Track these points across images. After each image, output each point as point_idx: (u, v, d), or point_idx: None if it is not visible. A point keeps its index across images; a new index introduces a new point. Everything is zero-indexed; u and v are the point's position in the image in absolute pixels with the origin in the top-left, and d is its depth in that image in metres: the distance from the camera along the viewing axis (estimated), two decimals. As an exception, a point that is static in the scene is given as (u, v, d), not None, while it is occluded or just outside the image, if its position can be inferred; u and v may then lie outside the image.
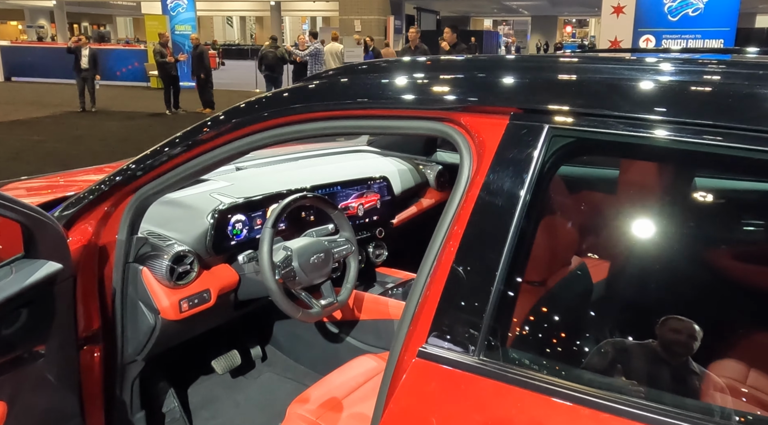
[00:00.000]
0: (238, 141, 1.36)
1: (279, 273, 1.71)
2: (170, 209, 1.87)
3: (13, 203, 1.28)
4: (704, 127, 0.86)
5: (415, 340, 1.01)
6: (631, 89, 0.94)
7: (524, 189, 0.96)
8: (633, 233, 1.11)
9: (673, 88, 0.93)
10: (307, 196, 1.85)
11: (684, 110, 0.88)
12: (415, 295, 1.04)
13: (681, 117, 0.87)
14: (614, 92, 0.94)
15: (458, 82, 1.12)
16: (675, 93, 0.92)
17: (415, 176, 2.66)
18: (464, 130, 1.08)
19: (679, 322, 0.98)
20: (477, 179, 1.01)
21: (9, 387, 1.31)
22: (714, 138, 0.85)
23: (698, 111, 0.87)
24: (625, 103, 0.92)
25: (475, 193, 1.00)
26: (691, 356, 0.96)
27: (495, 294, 0.94)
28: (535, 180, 0.96)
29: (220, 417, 2.14)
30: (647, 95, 0.93)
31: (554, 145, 0.97)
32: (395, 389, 1.00)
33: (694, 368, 0.96)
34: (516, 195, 0.96)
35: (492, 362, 0.94)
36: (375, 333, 2.12)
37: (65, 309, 1.46)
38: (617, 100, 0.93)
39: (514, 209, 0.96)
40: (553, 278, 1.24)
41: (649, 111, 0.90)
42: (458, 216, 1.01)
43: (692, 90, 0.92)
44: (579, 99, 0.97)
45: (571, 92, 0.99)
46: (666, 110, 0.89)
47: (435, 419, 0.95)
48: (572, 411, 0.86)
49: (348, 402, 1.63)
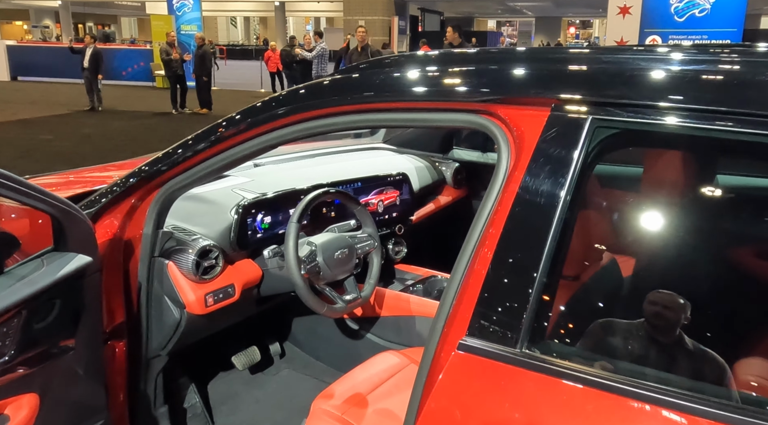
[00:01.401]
0: (267, 135, 1.36)
1: (304, 268, 1.71)
2: (194, 204, 1.87)
3: (45, 195, 1.28)
4: (759, 117, 0.84)
5: (455, 333, 1.00)
6: (678, 79, 0.94)
7: (566, 182, 0.95)
8: (665, 229, 1.10)
9: (721, 78, 0.92)
10: (330, 191, 1.85)
11: (734, 100, 0.87)
12: (453, 288, 1.04)
13: (732, 107, 0.87)
14: (661, 82, 0.94)
15: (495, 72, 1.12)
16: (723, 83, 0.91)
17: (432, 173, 2.65)
18: (502, 123, 1.07)
19: (713, 318, 0.98)
20: (517, 172, 1.01)
21: (41, 379, 1.31)
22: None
23: (753, 101, 0.86)
24: (672, 93, 0.92)
25: (515, 187, 1.00)
26: (727, 350, 0.96)
27: (537, 287, 0.94)
28: (577, 173, 0.95)
29: (240, 412, 2.14)
30: (695, 85, 0.92)
31: (597, 136, 0.97)
32: (435, 380, 1.00)
33: (726, 361, 0.96)
34: (558, 188, 0.95)
35: (535, 354, 0.94)
36: (395, 330, 2.12)
37: (93, 302, 1.46)
38: (665, 89, 0.92)
39: (556, 203, 0.95)
40: (587, 272, 1.24)
41: (697, 101, 0.89)
42: (497, 210, 1.01)
43: (743, 80, 0.91)
44: (623, 88, 0.96)
45: (615, 82, 0.98)
46: (713, 100, 0.88)
47: (478, 408, 0.95)
48: (617, 403, 0.86)
49: (373, 398, 1.63)
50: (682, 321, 0.99)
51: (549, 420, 0.90)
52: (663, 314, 1.01)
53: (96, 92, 11.97)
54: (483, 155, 2.81)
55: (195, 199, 1.90)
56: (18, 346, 1.24)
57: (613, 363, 0.98)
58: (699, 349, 0.98)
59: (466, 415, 0.96)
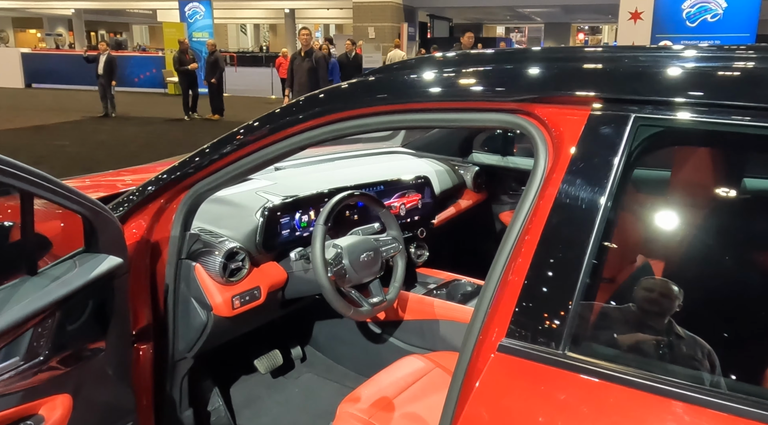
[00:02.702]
0: (297, 136, 1.36)
1: (331, 270, 1.71)
2: (219, 207, 1.87)
3: (78, 196, 1.28)
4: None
5: (493, 335, 0.99)
6: (729, 76, 0.92)
7: (608, 183, 0.94)
8: (698, 231, 1.09)
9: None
10: (355, 193, 1.84)
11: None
12: (489, 290, 1.02)
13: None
14: (710, 79, 0.93)
15: (532, 71, 1.11)
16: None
17: (453, 177, 2.65)
18: (540, 123, 1.05)
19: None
20: (555, 173, 1.00)
21: (73, 380, 1.31)
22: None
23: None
24: (722, 90, 0.90)
25: (554, 188, 0.99)
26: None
27: (579, 289, 0.93)
28: (619, 173, 0.94)
29: (263, 416, 2.13)
30: (746, 82, 0.91)
31: (641, 135, 0.95)
32: (473, 383, 0.99)
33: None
34: (599, 189, 0.94)
35: (579, 356, 0.92)
36: (419, 334, 2.11)
37: (122, 304, 1.46)
38: (714, 86, 0.91)
39: (598, 204, 0.94)
40: (622, 274, 1.23)
41: (741, 97, 0.88)
42: (536, 211, 1.00)
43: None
44: (668, 85, 0.95)
45: (659, 78, 0.97)
46: (760, 97, 0.87)
47: (521, 410, 0.94)
48: (664, 405, 0.84)
49: (399, 401, 1.62)
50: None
51: (596, 422, 0.88)
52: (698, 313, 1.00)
53: (110, 98, 12.08)
54: (503, 159, 2.80)
55: (220, 202, 1.90)
56: (52, 347, 1.25)
57: (657, 364, 0.97)
58: (743, 351, 0.97)
59: (507, 417, 0.94)
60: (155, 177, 1.61)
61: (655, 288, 1.24)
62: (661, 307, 1.16)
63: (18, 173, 1.12)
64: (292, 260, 1.79)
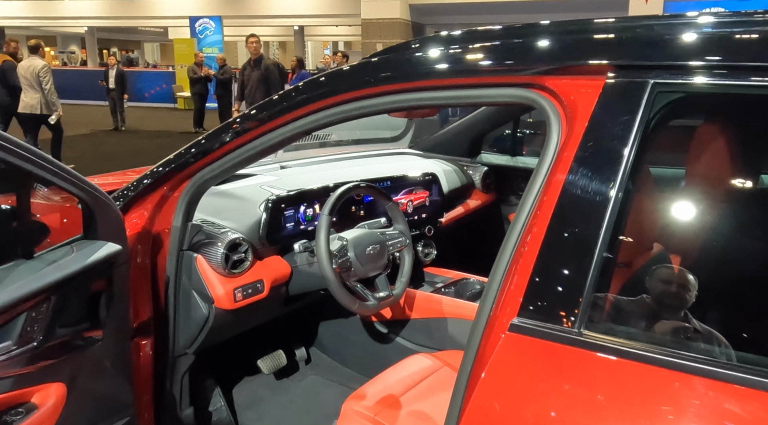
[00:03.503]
0: (301, 120, 1.33)
1: (335, 262, 1.66)
2: (222, 200, 1.84)
3: (77, 179, 1.25)
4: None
5: (504, 314, 0.95)
6: (742, 37, 0.88)
7: (626, 153, 0.90)
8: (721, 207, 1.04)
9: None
10: (361, 185, 1.80)
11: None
12: (501, 268, 0.98)
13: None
14: (724, 41, 0.88)
15: (542, 43, 1.07)
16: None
17: (461, 177, 2.60)
18: (551, 95, 1.02)
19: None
20: (569, 146, 0.96)
21: (68, 369, 1.27)
22: None
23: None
24: (737, 51, 0.86)
25: (568, 161, 0.94)
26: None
27: (596, 266, 0.88)
28: (638, 142, 0.90)
29: (266, 418, 2.07)
30: (761, 42, 0.86)
31: (659, 102, 0.91)
32: (484, 363, 0.94)
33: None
34: (617, 160, 0.90)
35: (596, 334, 0.88)
36: (426, 333, 2.05)
37: (122, 295, 1.42)
38: (730, 48, 0.87)
39: (615, 175, 0.89)
40: (640, 250, 1.17)
41: (763, 58, 0.84)
42: (548, 186, 0.96)
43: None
44: (687, 48, 0.90)
45: (677, 42, 0.92)
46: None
47: (536, 390, 0.89)
48: (684, 381, 0.80)
49: (406, 399, 1.56)
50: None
51: (616, 399, 0.83)
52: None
53: (120, 112, 12.19)
54: (512, 159, 2.76)
55: (223, 195, 1.87)
56: (46, 332, 1.20)
57: (675, 341, 0.92)
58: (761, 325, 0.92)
59: (520, 396, 0.89)
60: (157, 165, 1.58)
61: (674, 266, 1.19)
62: (679, 284, 1.11)
63: (16, 150, 1.09)
64: (296, 252, 1.75)
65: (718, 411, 0.78)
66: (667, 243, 1.15)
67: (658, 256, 1.22)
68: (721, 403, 0.78)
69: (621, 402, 0.83)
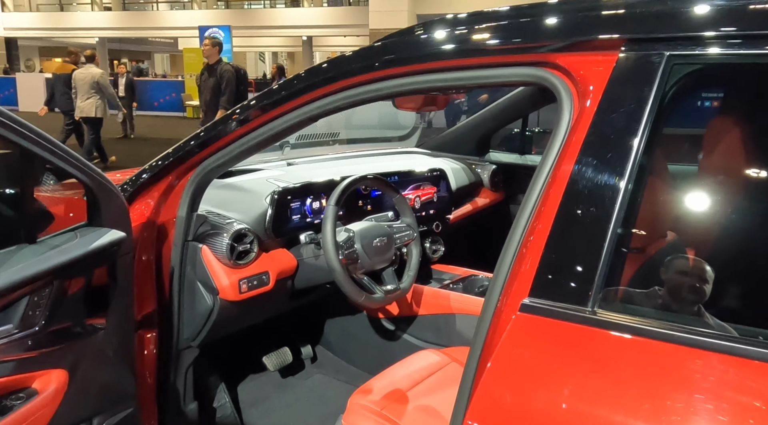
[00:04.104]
0: (307, 106, 1.31)
1: (342, 253, 1.64)
2: (228, 192, 1.82)
3: (82, 164, 1.24)
4: None
5: (515, 295, 0.92)
6: (759, 6, 0.85)
7: (641, 128, 0.87)
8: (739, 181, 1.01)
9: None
10: (368, 177, 1.78)
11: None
12: (511, 249, 0.96)
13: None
14: (741, 8, 0.86)
15: (552, 21, 1.05)
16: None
17: (469, 175, 2.58)
18: (563, 73, 0.99)
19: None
20: (582, 122, 0.93)
21: (71, 356, 1.25)
22: None
23: None
24: (755, 20, 0.84)
25: (580, 139, 0.92)
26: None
27: (609, 244, 0.86)
28: (654, 117, 0.88)
29: (271, 416, 2.04)
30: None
31: (675, 75, 0.89)
32: (495, 344, 0.91)
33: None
34: (632, 137, 0.87)
35: (609, 313, 0.85)
36: (434, 330, 2.02)
37: (126, 284, 1.41)
38: (747, 16, 0.84)
39: (630, 150, 0.87)
40: (653, 246, 1.14)
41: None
42: (561, 164, 0.93)
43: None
44: (701, 19, 0.88)
45: (691, 13, 0.90)
46: None
47: (547, 368, 0.86)
48: (701, 357, 0.78)
49: (413, 394, 1.53)
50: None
51: (632, 377, 0.80)
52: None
53: (129, 120, 12.26)
54: (521, 157, 2.73)
55: (229, 188, 1.85)
56: (48, 318, 1.19)
57: (691, 317, 0.89)
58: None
59: (533, 375, 0.86)
60: (162, 155, 1.56)
61: (689, 248, 1.15)
62: (694, 266, 1.08)
63: (20, 129, 1.08)
64: (302, 244, 1.72)
65: (736, 386, 0.75)
66: (683, 228, 1.12)
67: (673, 243, 1.19)
68: (738, 379, 0.75)
69: (637, 380, 0.80)
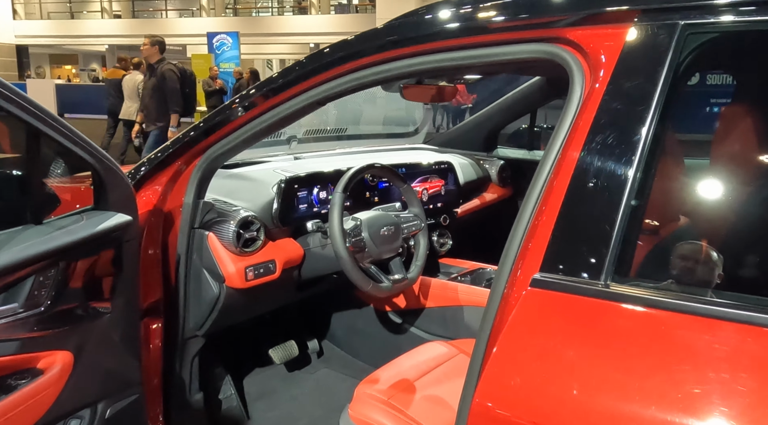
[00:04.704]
0: (313, 89, 1.30)
1: (349, 241, 1.62)
2: (234, 181, 1.82)
3: (91, 147, 1.24)
4: None
5: (526, 270, 0.91)
6: None
7: (654, 100, 0.86)
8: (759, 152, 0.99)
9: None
10: (376, 165, 1.77)
11: None
12: (522, 224, 0.95)
13: None
14: None
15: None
16: None
17: (477, 170, 2.56)
18: (574, 48, 0.98)
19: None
20: (593, 98, 0.92)
21: (76, 339, 1.24)
22: None
23: None
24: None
25: (591, 113, 0.91)
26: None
27: (622, 216, 0.85)
28: (668, 88, 0.86)
29: (277, 409, 2.02)
30: None
31: (689, 45, 0.87)
32: (505, 319, 0.89)
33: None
34: (645, 109, 0.86)
35: (622, 287, 0.83)
36: (441, 323, 2.00)
37: (132, 270, 1.40)
38: None
39: (643, 123, 0.85)
40: (667, 219, 1.12)
41: None
42: (572, 137, 0.92)
43: None
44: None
45: None
46: None
47: (559, 342, 0.84)
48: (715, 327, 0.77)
49: (420, 384, 1.51)
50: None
51: (646, 349, 0.78)
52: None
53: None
54: (529, 153, 2.71)
55: (236, 177, 1.85)
56: (54, 299, 1.18)
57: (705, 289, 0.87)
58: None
59: (546, 349, 0.85)
60: (170, 142, 1.56)
61: (705, 211, 1.13)
62: (708, 229, 1.06)
63: (27, 105, 1.07)
64: (308, 231, 1.71)
65: (754, 355, 0.73)
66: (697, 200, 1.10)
67: (685, 226, 1.17)
68: (755, 347, 0.73)
69: (652, 352, 0.78)
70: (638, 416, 0.74)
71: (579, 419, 0.78)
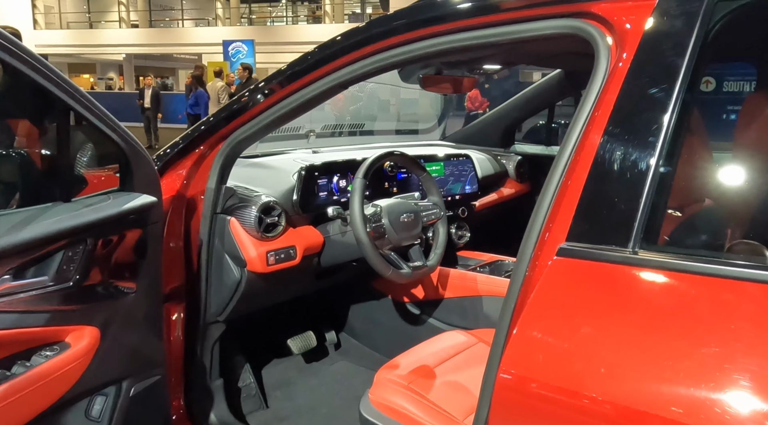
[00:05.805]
0: (336, 72, 1.32)
1: (369, 226, 1.63)
2: (255, 170, 1.84)
3: (118, 126, 1.26)
4: None
5: (552, 240, 0.91)
6: None
7: (682, 72, 0.86)
8: None
9: None
10: (396, 153, 1.78)
11: None
12: (548, 195, 0.95)
13: None
14: None
15: None
16: None
17: (494, 165, 2.57)
18: (599, 22, 0.98)
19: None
20: (619, 69, 0.92)
21: (102, 315, 1.26)
22: None
23: None
24: None
25: (618, 83, 0.91)
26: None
27: (650, 185, 0.85)
28: (696, 57, 0.86)
29: (295, 399, 2.03)
30: None
31: (718, 13, 0.87)
32: (531, 288, 0.89)
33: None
34: (673, 79, 0.86)
35: (651, 253, 0.83)
36: (460, 313, 1.99)
37: (155, 252, 1.42)
38: None
39: (671, 93, 0.85)
40: (695, 167, 1.11)
41: None
42: (599, 107, 0.92)
43: None
44: None
45: None
46: None
47: (587, 309, 0.84)
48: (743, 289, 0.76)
49: (440, 370, 1.51)
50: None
51: (676, 314, 0.78)
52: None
53: (154, 131, 12.53)
54: (547, 148, 2.71)
55: (257, 166, 1.87)
56: (82, 274, 1.20)
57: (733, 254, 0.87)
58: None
59: (574, 317, 0.84)
60: (193, 127, 1.59)
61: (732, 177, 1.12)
62: (736, 198, 1.05)
63: (59, 82, 1.10)
64: (329, 217, 1.72)
65: None
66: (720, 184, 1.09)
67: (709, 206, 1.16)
68: None
69: (680, 315, 0.78)
70: (667, 379, 0.74)
71: (606, 384, 0.78)
